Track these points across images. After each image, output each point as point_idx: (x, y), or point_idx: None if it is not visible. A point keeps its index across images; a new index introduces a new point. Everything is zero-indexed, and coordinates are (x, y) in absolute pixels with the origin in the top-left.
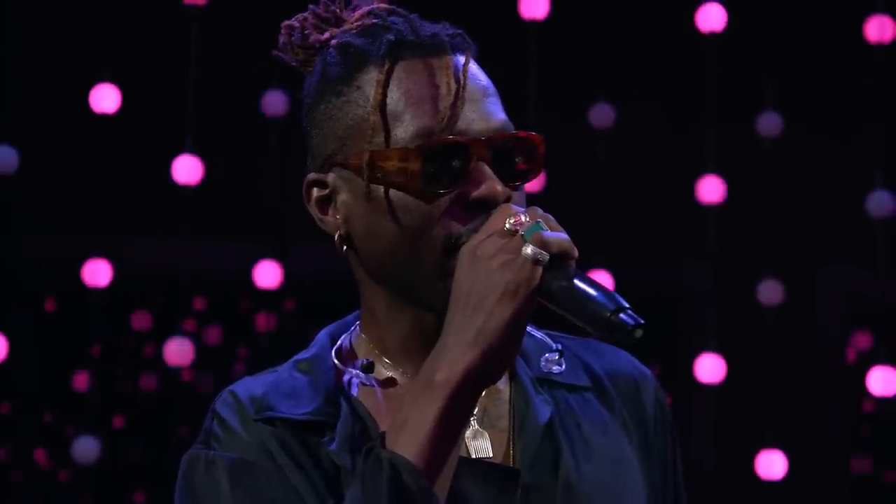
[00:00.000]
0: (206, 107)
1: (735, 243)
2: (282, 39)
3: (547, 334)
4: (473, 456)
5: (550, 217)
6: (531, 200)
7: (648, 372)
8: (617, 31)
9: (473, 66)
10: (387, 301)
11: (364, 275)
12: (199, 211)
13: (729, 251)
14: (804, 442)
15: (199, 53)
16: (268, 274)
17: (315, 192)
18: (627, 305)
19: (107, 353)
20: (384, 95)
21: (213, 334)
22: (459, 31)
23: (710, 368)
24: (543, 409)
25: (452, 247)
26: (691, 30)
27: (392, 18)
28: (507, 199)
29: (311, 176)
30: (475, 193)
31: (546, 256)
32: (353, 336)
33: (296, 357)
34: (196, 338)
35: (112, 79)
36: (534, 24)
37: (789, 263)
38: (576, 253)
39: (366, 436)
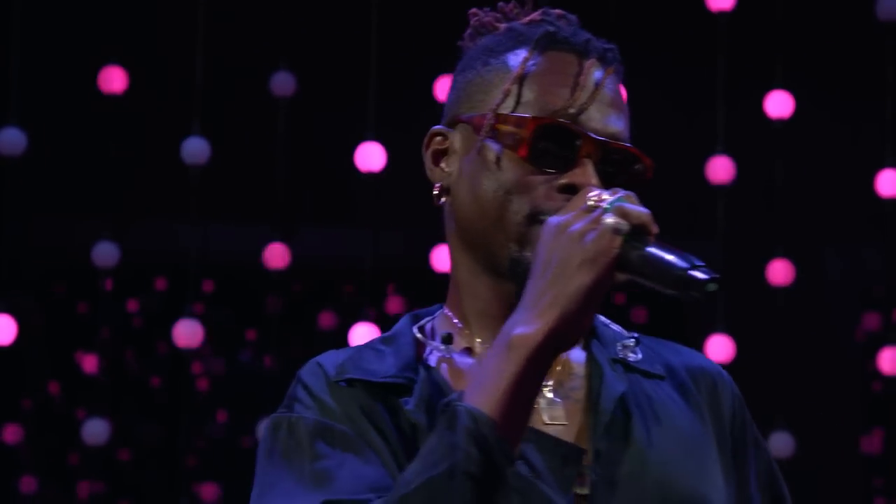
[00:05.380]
0: (214, 87)
1: (744, 223)
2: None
3: (623, 329)
4: (548, 422)
5: (632, 194)
6: None
7: (726, 373)
8: (625, 9)
9: (614, 80)
10: (468, 267)
11: (453, 235)
12: (207, 193)
13: (738, 231)
14: (813, 422)
15: (208, 34)
16: (277, 256)
17: (435, 141)
18: (702, 263)
19: (116, 335)
20: (524, 70)
21: (223, 316)
22: (612, 47)
23: (719, 349)
24: (618, 384)
25: (534, 220)
26: (700, 8)
27: (558, 20)
28: None
29: (437, 127)
30: (571, 179)
31: (626, 226)
32: (436, 317)
33: (380, 336)
34: (205, 320)
35: (120, 60)
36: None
37: (799, 243)
38: (656, 229)
39: (442, 398)
